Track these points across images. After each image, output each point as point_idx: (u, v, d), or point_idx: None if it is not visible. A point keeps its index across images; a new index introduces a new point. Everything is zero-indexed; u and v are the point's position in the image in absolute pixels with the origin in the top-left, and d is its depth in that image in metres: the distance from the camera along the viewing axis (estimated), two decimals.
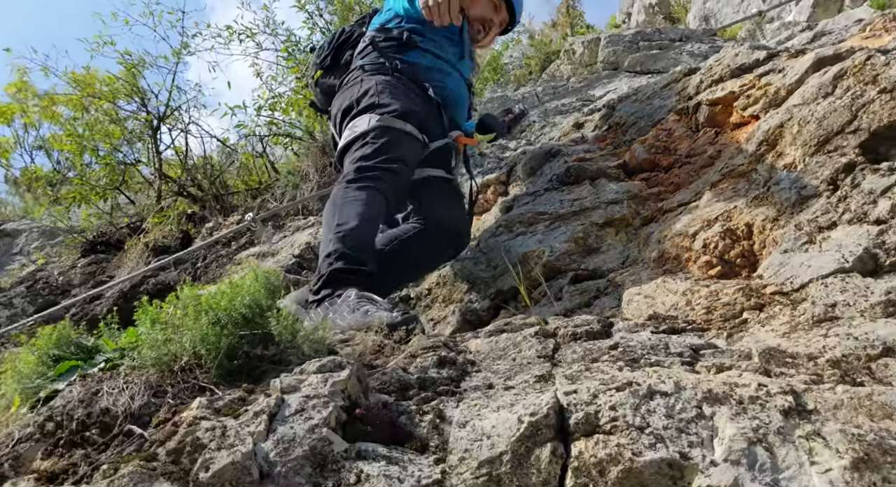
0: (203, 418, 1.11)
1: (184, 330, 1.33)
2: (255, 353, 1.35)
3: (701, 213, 1.92)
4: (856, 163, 1.51)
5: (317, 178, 4.27)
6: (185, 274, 3.91)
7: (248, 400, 1.18)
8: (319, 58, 2.72)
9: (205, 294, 1.40)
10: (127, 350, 1.35)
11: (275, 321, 1.39)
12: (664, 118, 2.62)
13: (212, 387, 1.28)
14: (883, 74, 1.60)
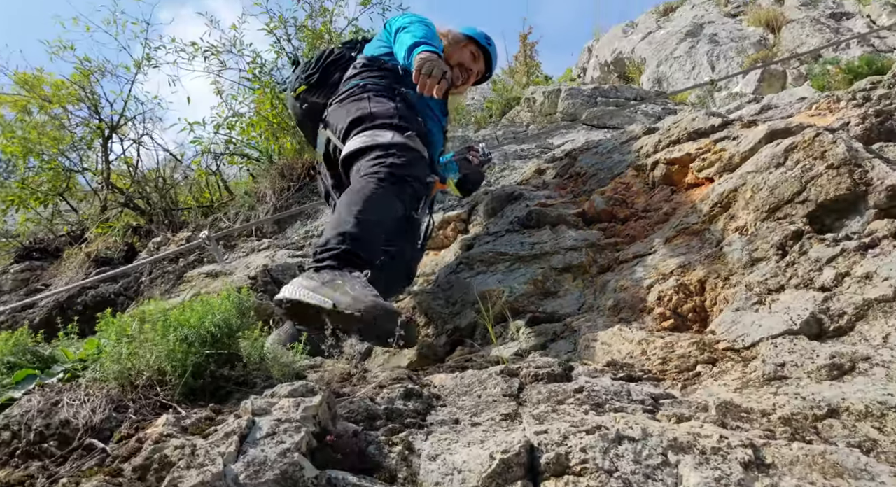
0: (170, 435, 1.09)
1: (150, 345, 1.31)
2: (222, 373, 1.34)
3: (656, 267, 2.01)
4: (804, 232, 1.63)
5: (273, 201, 4.24)
6: (129, 288, 3.80)
7: (217, 420, 1.17)
8: (306, 73, 2.75)
9: (173, 310, 1.39)
10: (88, 361, 1.32)
11: (244, 342, 1.38)
12: (623, 172, 2.75)
13: (174, 405, 1.26)
14: (830, 152, 1.74)
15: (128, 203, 5.07)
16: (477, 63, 2.80)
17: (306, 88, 2.70)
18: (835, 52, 4.90)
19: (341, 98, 2.49)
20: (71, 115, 5.48)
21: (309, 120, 2.71)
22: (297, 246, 3.37)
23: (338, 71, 2.71)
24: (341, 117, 2.41)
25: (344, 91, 2.51)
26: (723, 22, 7.63)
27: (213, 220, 4.33)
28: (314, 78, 2.70)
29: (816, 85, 3.74)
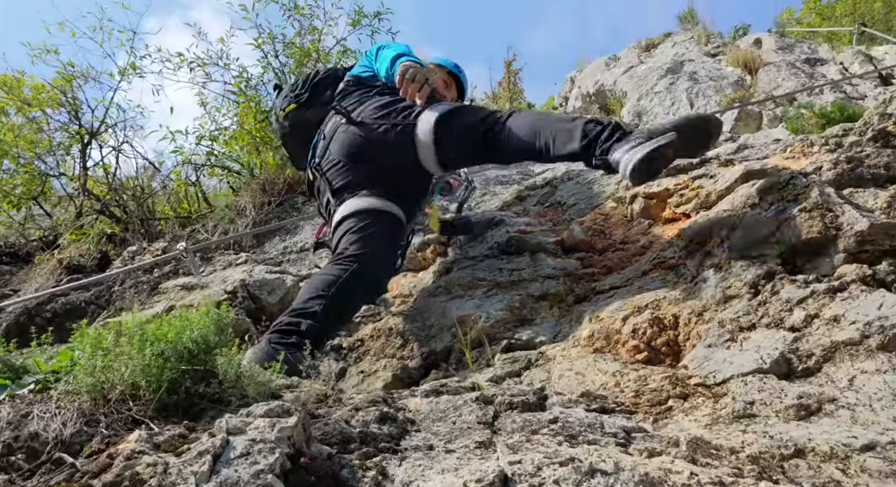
0: (142, 452, 1.08)
1: (125, 358, 1.29)
2: (197, 390, 1.33)
3: (632, 299, 2.05)
4: (776, 272, 1.68)
5: (253, 215, 4.23)
6: (100, 297, 3.74)
7: (190, 438, 1.16)
8: (295, 92, 2.81)
9: (150, 324, 1.37)
10: (61, 373, 1.30)
11: (221, 359, 1.37)
12: (602, 203, 2.80)
13: (147, 421, 1.24)
14: (803, 195, 1.80)
15: (104, 210, 5.00)
16: (449, 90, 2.90)
17: (295, 107, 2.74)
18: (809, 96, 5.06)
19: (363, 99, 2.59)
20: (50, 119, 5.43)
21: (298, 136, 2.79)
22: (276, 261, 3.36)
23: (328, 88, 2.78)
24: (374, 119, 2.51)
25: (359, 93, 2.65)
26: (702, 61, 7.82)
27: (190, 232, 4.29)
28: (304, 97, 2.76)
29: (791, 127, 3.86)
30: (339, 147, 2.53)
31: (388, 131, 2.47)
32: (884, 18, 9.97)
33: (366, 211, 2.37)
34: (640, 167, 1.88)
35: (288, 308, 2.05)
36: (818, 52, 7.03)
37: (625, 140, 1.97)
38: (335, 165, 2.53)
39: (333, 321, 2.11)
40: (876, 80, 5.37)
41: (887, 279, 1.47)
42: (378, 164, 2.48)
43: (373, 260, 2.22)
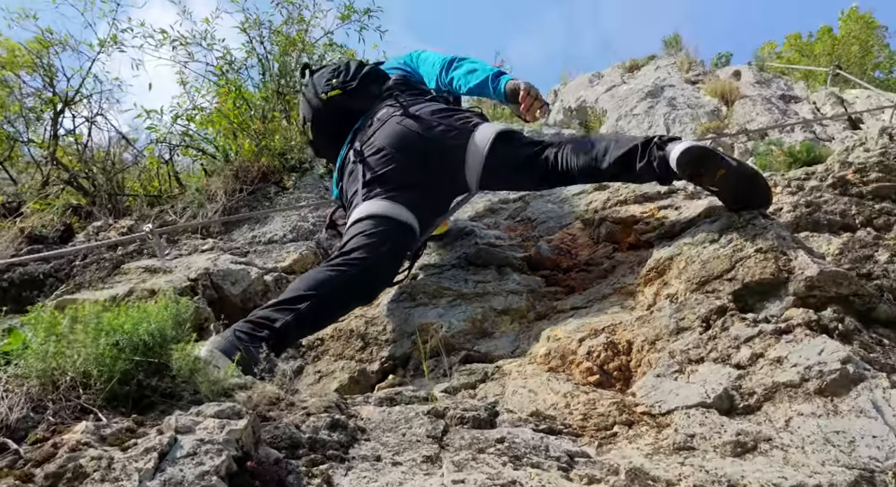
0: (87, 444, 1.08)
1: (79, 345, 1.29)
2: (149, 383, 1.33)
3: (590, 322, 2.09)
4: (727, 308, 1.73)
5: (224, 201, 4.19)
6: (60, 270, 3.67)
7: (138, 433, 1.16)
8: (341, 79, 2.79)
9: (108, 313, 1.37)
10: (12, 355, 1.29)
11: (176, 354, 1.37)
12: (571, 224, 2.85)
13: (95, 410, 1.24)
14: (760, 236, 1.86)
15: (71, 181, 4.90)
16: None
17: (340, 94, 2.75)
18: (780, 133, 5.20)
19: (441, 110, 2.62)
20: (23, 84, 5.30)
21: (333, 121, 2.78)
22: (242, 251, 3.34)
23: (375, 82, 2.81)
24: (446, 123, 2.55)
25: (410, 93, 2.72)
26: (682, 87, 7.98)
27: (158, 212, 4.24)
28: (352, 85, 2.76)
29: (760, 163, 3.97)
30: (387, 135, 2.50)
31: (445, 131, 2.49)
32: (859, 61, 10.28)
33: (385, 217, 2.35)
34: (691, 152, 1.95)
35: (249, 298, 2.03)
36: (794, 89, 7.22)
37: (688, 140, 2.07)
38: (378, 153, 2.50)
39: (315, 322, 2.11)
40: (845, 123, 5.55)
41: (830, 325, 1.53)
42: (421, 163, 2.47)
43: (373, 269, 2.22)
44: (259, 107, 5.31)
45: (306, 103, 2.88)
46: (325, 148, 2.96)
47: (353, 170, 2.57)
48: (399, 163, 2.46)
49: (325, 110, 2.78)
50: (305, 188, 4.44)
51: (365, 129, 2.64)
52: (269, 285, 2.88)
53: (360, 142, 2.60)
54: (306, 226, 3.79)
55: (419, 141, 2.47)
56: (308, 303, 1.99)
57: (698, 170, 2.01)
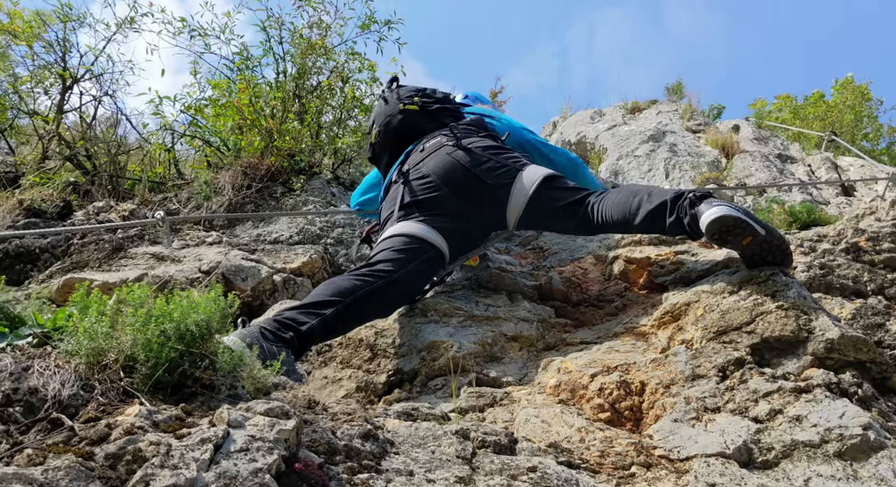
0: (142, 429, 1.09)
1: (129, 328, 1.29)
2: (192, 373, 1.33)
3: (602, 358, 2.13)
4: (745, 361, 1.78)
5: (230, 195, 4.18)
6: (56, 246, 3.63)
7: (187, 422, 1.17)
8: (423, 99, 2.92)
9: (157, 300, 1.37)
10: (63, 331, 1.29)
11: (221, 347, 1.38)
12: (583, 257, 2.90)
13: (139, 395, 1.24)
14: (781, 292, 1.92)
15: (72, 158, 4.85)
16: None
17: (417, 111, 2.87)
18: (778, 191, 5.34)
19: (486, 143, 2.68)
20: (35, 56, 5.26)
21: (398, 134, 2.89)
22: (250, 248, 3.33)
23: (448, 116, 2.93)
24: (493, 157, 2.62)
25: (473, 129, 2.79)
26: (683, 135, 8.15)
27: (162, 199, 4.21)
28: (431, 107, 2.88)
29: (760, 218, 4.07)
30: (436, 165, 2.56)
31: (493, 169, 2.53)
32: (851, 130, 10.60)
33: (417, 237, 2.40)
34: (723, 222, 1.99)
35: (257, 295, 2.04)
36: (790, 149, 7.42)
37: (719, 201, 2.09)
38: (422, 179, 2.56)
39: (337, 329, 2.12)
40: (838, 188, 5.72)
41: (850, 389, 1.58)
42: (464, 197, 2.52)
43: (398, 284, 2.25)
44: (271, 106, 5.32)
45: (382, 108, 2.97)
46: (380, 156, 3.02)
47: (395, 193, 2.62)
48: (441, 193, 2.51)
49: (396, 120, 2.88)
50: (313, 192, 4.45)
51: (416, 153, 2.70)
52: (278, 285, 2.88)
53: (410, 164, 2.65)
54: (313, 229, 3.80)
55: (465, 175, 2.52)
56: (333, 310, 2.01)
57: (726, 237, 2.06)
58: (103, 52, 5.13)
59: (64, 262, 3.50)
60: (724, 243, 2.08)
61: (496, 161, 2.55)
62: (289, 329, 1.89)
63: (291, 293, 2.99)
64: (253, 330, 1.82)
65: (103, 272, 2.80)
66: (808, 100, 12.12)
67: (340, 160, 5.46)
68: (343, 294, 2.07)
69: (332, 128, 5.49)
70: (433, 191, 2.51)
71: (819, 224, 3.79)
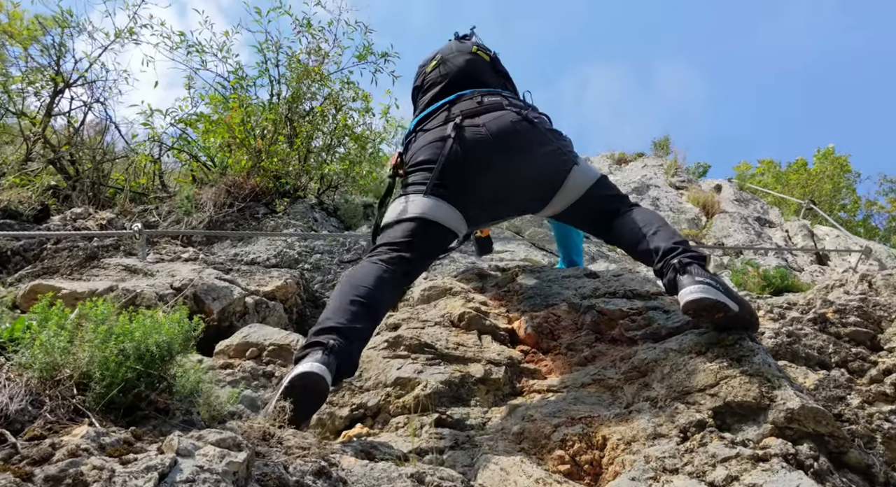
0: (87, 451, 1.06)
1: (87, 345, 1.27)
2: (148, 395, 1.31)
3: (567, 409, 2.12)
4: (706, 423, 1.79)
5: (212, 213, 4.16)
6: (28, 250, 3.57)
7: (136, 447, 1.14)
8: (492, 54, 2.92)
9: (120, 317, 1.35)
10: (19, 343, 1.26)
11: (179, 369, 1.36)
12: (557, 304, 2.90)
13: (90, 414, 1.22)
14: (747, 358, 1.93)
15: (55, 161, 4.82)
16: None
17: (487, 58, 2.86)
18: (754, 254, 5.43)
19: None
20: (30, 59, 5.26)
21: (457, 72, 2.80)
22: (225, 268, 3.31)
23: (507, 81, 2.94)
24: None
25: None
26: (666, 190, 8.30)
27: (142, 211, 4.18)
28: (498, 63, 2.91)
29: (735, 280, 4.13)
30: (498, 129, 2.43)
31: (552, 152, 2.50)
32: (829, 199, 10.86)
33: (439, 225, 2.39)
34: (699, 304, 1.99)
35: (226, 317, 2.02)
36: (769, 213, 7.58)
37: (705, 272, 2.09)
38: (477, 139, 2.43)
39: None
40: (813, 256, 5.83)
41: (806, 462, 1.59)
42: (514, 171, 2.46)
43: (412, 275, 2.42)
44: (262, 126, 5.35)
45: (451, 44, 2.93)
46: (427, 88, 2.87)
47: (440, 139, 2.46)
48: (492, 161, 2.42)
49: (464, 58, 2.81)
50: (295, 215, 4.45)
51: (471, 101, 2.57)
52: (249, 307, 2.85)
53: (465, 113, 2.51)
54: (291, 253, 3.78)
55: (526, 149, 2.45)
56: (370, 323, 2.14)
57: (701, 314, 2.07)
58: (99, 60, 5.17)
59: (35, 267, 3.44)
60: (697, 317, 2.10)
61: (556, 145, 2.52)
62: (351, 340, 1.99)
63: (262, 316, 2.96)
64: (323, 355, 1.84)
65: (73, 280, 2.75)
66: (791, 167, 12.41)
67: (326, 185, 5.48)
68: (378, 304, 2.17)
69: (321, 154, 5.53)
70: (484, 156, 2.41)
71: (792, 290, 3.85)
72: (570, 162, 2.54)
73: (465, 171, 2.42)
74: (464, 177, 2.42)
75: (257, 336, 2.53)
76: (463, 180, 2.42)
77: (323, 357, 1.81)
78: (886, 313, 2.39)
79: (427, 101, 2.79)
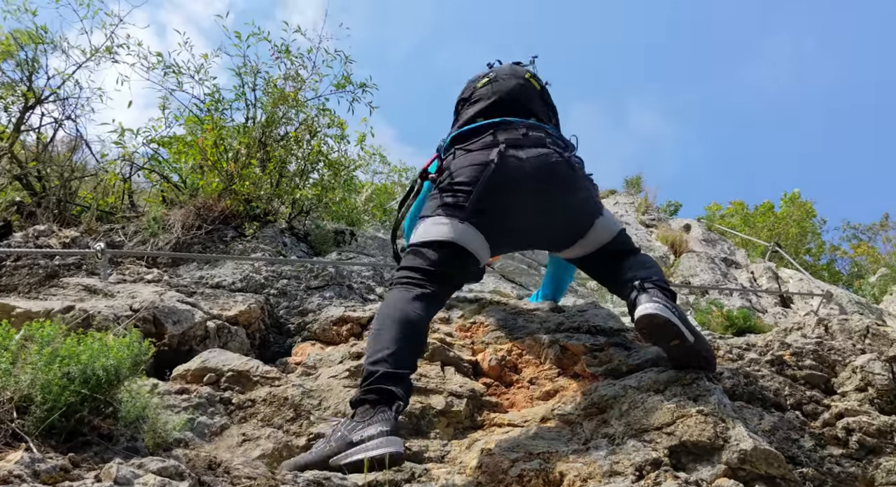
0: (20, 478, 1.03)
1: (29, 367, 1.24)
2: (90, 420, 1.27)
3: (525, 443, 2.11)
4: (662, 462, 1.79)
5: (179, 234, 4.11)
6: None
7: (72, 474, 1.11)
8: (542, 83, 2.92)
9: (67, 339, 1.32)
10: None
11: (125, 394, 1.33)
12: (522, 338, 2.90)
13: (28, 439, 1.18)
14: (703, 398, 1.95)
15: (21, 177, 4.74)
16: None
17: (538, 86, 2.87)
18: (720, 294, 5.51)
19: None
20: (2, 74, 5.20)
21: (507, 94, 2.78)
22: (189, 291, 3.26)
23: (553, 115, 2.96)
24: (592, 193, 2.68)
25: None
26: (637, 227, 8.42)
27: (107, 230, 4.11)
28: (547, 93, 2.95)
29: (699, 318, 4.18)
30: (539, 164, 2.44)
31: (587, 198, 2.55)
32: (795, 243, 11.11)
33: (469, 253, 2.39)
34: (651, 320, 2.06)
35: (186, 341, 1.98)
36: (736, 255, 7.72)
37: (665, 297, 2.15)
38: (517, 170, 2.42)
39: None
40: (777, 298, 5.94)
41: None
42: (548, 210, 2.47)
43: (445, 299, 2.48)
44: (235, 149, 5.32)
45: (507, 67, 2.93)
46: (474, 101, 2.83)
47: (479, 165, 2.44)
48: (527, 196, 2.43)
49: (515, 82, 2.80)
50: (265, 239, 4.41)
51: (516, 131, 2.56)
52: (210, 331, 2.81)
53: (507, 142, 2.49)
54: (258, 278, 3.74)
55: (563, 191, 2.48)
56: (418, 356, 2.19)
57: (654, 334, 2.12)
58: (72, 77, 5.11)
59: None
60: (650, 338, 2.13)
61: (590, 192, 2.57)
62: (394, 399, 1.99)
63: (224, 341, 2.91)
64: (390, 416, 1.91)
65: (29, 299, 2.68)
66: (759, 209, 12.69)
67: (298, 211, 5.46)
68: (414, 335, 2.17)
69: (294, 179, 5.51)
70: (521, 190, 2.41)
71: (754, 331, 3.91)
72: (598, 212, 2.58)
73: (500, 201, 2.42)
74: (497, 207, 2.42)
75: (216, 361, 2.49)
76: (496, 209, 2.42)
77: (395, 423, 1.89)
78: (840, 357, 2.43)
79: (471, 116, 2.76)
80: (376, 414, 1.89)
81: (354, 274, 4.17)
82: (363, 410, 1.92)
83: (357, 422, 1.89)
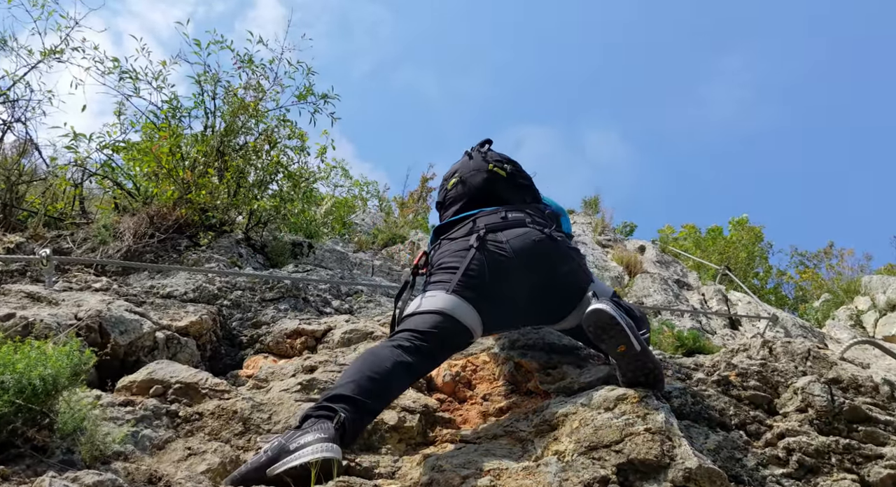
0: None
1: None
2: (25, 432, 1.22)
3: (476, 460, 2.11)
4: (610, 480, 1.81)
5: (130, 242, 4.01)
6: None
7: None
8: (510, 169, 2.96)
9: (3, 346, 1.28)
10: None
11: (63, 405, 1.28)
12: (477, 354, 2.91)
13: None
14: (651, 416, 1.98)
15: None
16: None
17: (504, 176, 2.92)
18: (671, 314, 5.63)
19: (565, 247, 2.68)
20: None
21: (476, 190, 2.89)
22: (138, 300, 3.17)
23: (527, 194, 3.00)
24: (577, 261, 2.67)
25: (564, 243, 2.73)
26: (593, 247, 8.56)
27: (55, 236, 3.99)
28: (515, 180, 2.98)
29: (651, 339, 4.25)
30: (521, 246, 2.49)
31: (575, 271, 2.56)
32: (744, 267, 11.42)
33: (459, 322, 2.39)
34: (598, 316, 2.16)
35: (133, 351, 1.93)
36: (688, 277, 7.90)
37: (609, 302, 2.26)
38: (500, 254, 2.49)
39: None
40: (726, 320, 6.09)
41: None
42: (537, 287, 2.50)
43: (432, 364, 2.41)
44: (192, 158, 5.23)
45: (467, 162, 2.98)
46: (449, 205, 2.95)
47: (463, 250, 2.53)
48: (512, 275, 2.48)
49: (480, 177, 2.87)
50: (220, 249, 4.34)
51: (494, 217, 2.64)
52: (159, 342, 2.74)
53: (488, 228, 2.57)
54: (211, 288, 3.67)
55: (549, 267, 2.51)
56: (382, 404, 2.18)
57: (599, 334, 2.18)
58: (23, 79, 4.97)
59: None
60: (598, 340, 2.19)
61: (577, 263, 2.59)
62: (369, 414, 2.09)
63: (172, 352, 2.84)
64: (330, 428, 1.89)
65: None
66: (709, 233, 13.02)
67: (255, 221, 5.39)
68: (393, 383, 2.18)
69: (252, 189, 5.44)
70: (505, 272, 2.47)
71: (702, 351, 4.00)
72: (588, 280, 2.60)
73: (487, 282, 2.47)
74: (484, 287, 2.47)
75: (164, 372, 2.43)
76: (483, 289, 2.46)
77: (335, 434, 1.87)
78: (783, 378, 2.51)
79: (450, 216, 2.90)
80: (316, 424, 1.87)
81: (311, 287, 4.12)
82: (307, 423, 1.91)
83: (295, 431, 1.87)
